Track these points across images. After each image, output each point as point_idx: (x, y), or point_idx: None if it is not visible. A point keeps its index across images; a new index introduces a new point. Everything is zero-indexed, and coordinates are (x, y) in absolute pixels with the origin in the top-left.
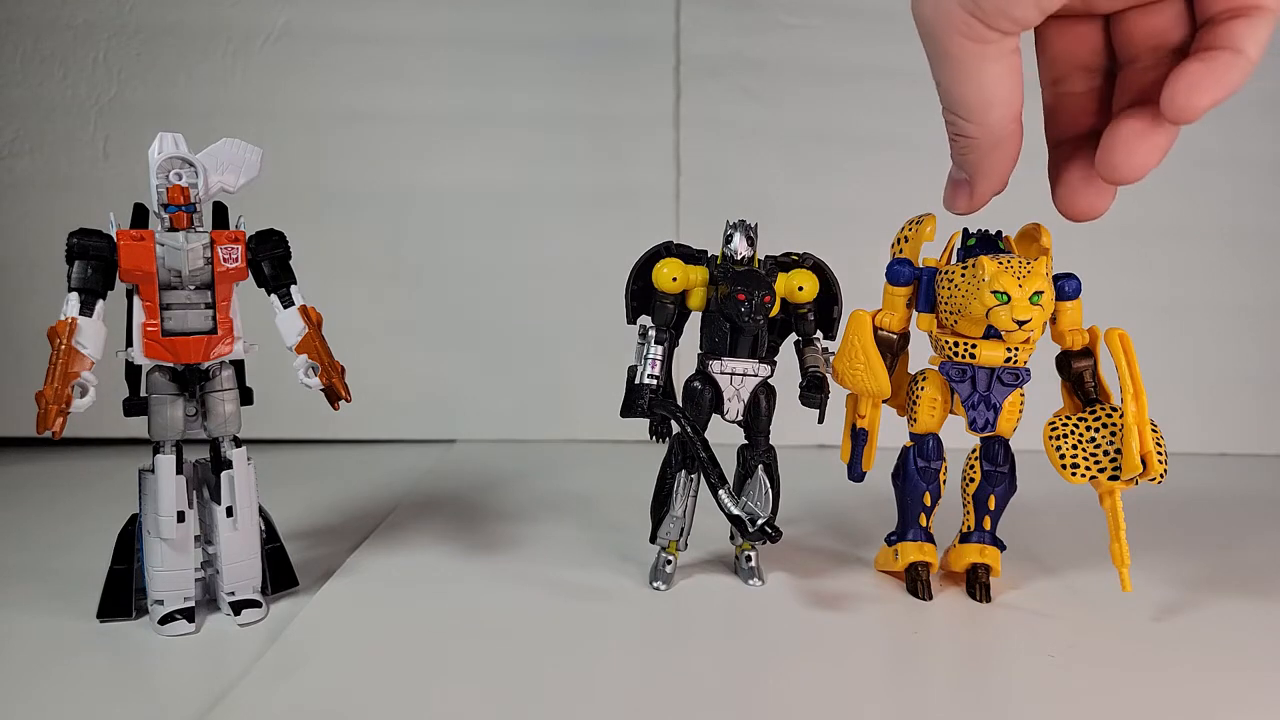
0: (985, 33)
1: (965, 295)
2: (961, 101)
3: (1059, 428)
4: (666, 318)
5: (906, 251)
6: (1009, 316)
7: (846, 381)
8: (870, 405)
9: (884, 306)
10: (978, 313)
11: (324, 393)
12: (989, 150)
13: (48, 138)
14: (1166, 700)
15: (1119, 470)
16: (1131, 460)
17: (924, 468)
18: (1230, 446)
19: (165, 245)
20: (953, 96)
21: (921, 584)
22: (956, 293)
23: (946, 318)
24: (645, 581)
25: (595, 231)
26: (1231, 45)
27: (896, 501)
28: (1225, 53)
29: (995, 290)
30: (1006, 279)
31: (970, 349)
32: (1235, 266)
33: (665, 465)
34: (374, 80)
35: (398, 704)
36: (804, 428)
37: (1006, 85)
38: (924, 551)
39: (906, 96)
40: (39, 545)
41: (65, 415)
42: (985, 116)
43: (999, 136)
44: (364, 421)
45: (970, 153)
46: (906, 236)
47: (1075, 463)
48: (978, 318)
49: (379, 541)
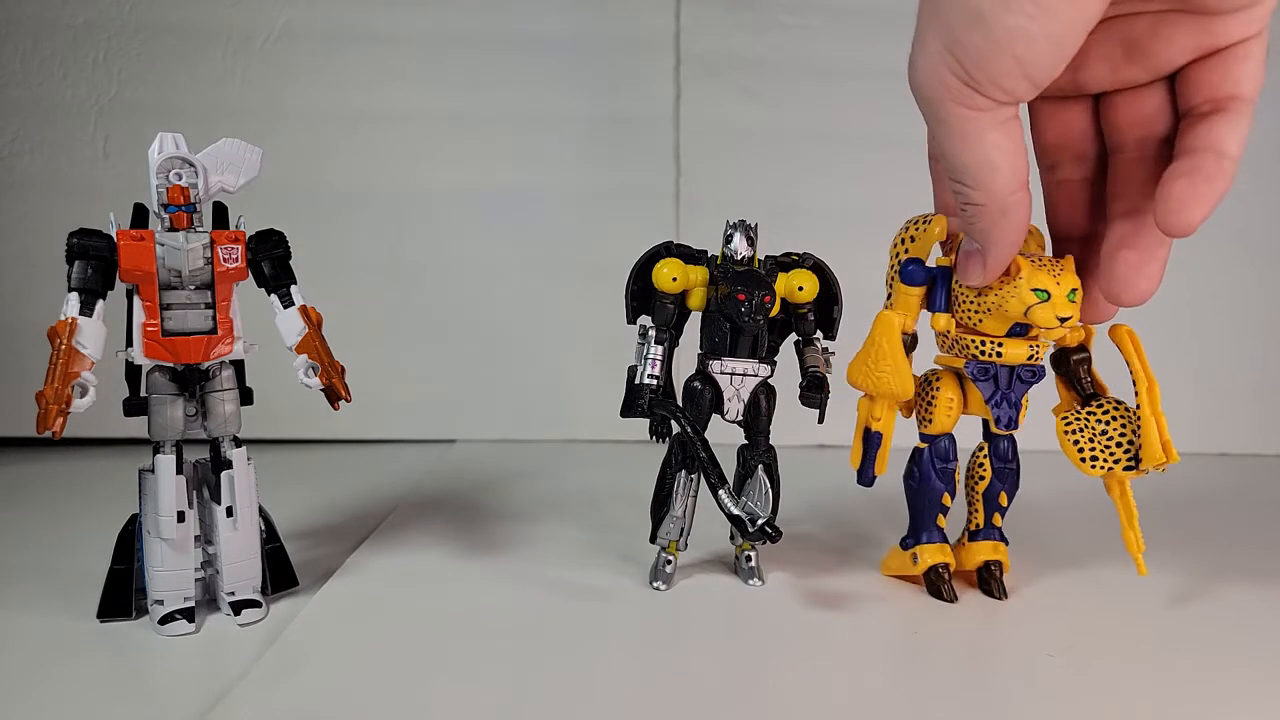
0: (980, 100)
1: (1001, 294)
2: (965, 169)
3: (1073, 422)
4: (666, 318)
5: (914, 251)
6: (1051, 314)
7: (869, 384)
8: (887, 408)
9: (897, 307)
10: (1016, 311)
11: (324, 393)
12: (997, 218)
13: (48, 138)
14: (1167, 700)
15: (1134, 460)
16: (1154, 449)
17: (943, 469)
18: (1230, 446)
19: (165, 245)
20: (956, 164)
21: (946, 586)
22: (989, 291)
23: (969, 317)
24: (645, 581)
25: (595, 231)
26: (1214, 146)
27: (910, 504)
28: (1209, 159)
29: (1035, 288)
30: (1044, 277)
31: (997, 347)
32: (1236, 267)
33: (665, 465)
34: (374, 80)
35: (398, 704)
36: (804, 428)
37: (1008, 152)
38: (944, 553)
39: (907, 96)
40: (39, 545)
41: (65, 415)
42: (990, 183)
43: (1006, 204)
44: (364, 421)
45: (978, 220)
46: (913, 236)
47: (1094, 455)
48: (1014, 316)
49: (379, 541)
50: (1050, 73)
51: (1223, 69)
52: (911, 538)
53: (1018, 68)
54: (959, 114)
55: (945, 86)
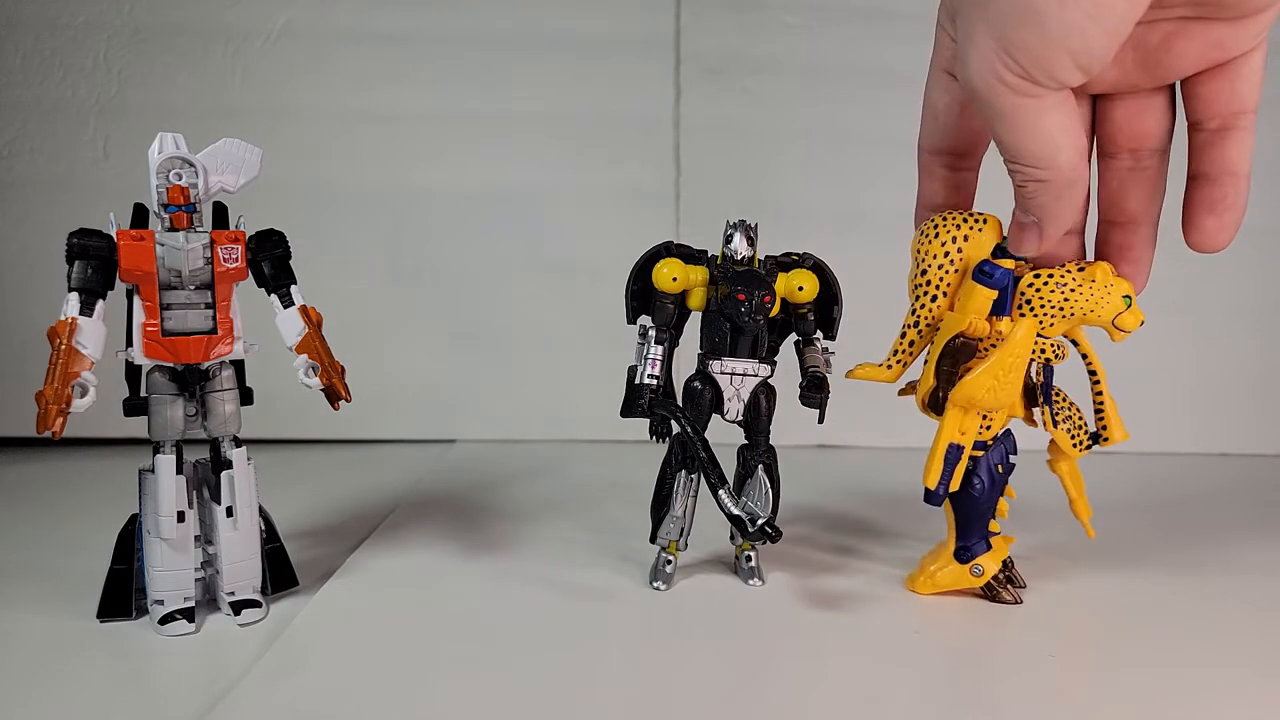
0: (1035, 89)
1: (1089, 299)
2: (1028, 153)
3: (1060, 412)
4: (667, 318)
5: (969, 252)
6: (1136, 319)
7: (993, 399)
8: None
9: (970, 311)
10: (1106, 316)
11: (324, 393)
12: (1063, 191)
13: (48, 138)
14: (1167, 700)
15: (1092, 441)
16: (1119, 429)
17: (1003, 474)
18: (1230, 446)
19: (165, 245)
20: (1017, 150)
21: (1008, 589)
22: (1075, 295)
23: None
24: (645, 581)
25: (595, 231)
26: (1230, 169)
27: (965, 513)
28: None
29: (1125, 295)
30: (1125, 284)
31: (1058, 350)
32: (1235, 266)
33: (665, 465)
34: (374, 80)
35: (398, 704)
36: (804, 428)
37: (1069, 130)
38: (998, 556)
39: (906, 96)
40: (39, 545)
41: (65, 415)
42: (1055, 161)
43: (1071, 178)
44: (364, 421)
45: (1041, 195)
46: (966, 236)
47: (1078, 440)
48: (1100, 321)
49: (379, 541)
50: (1104, 62)
51: (1229, 84)
52: (966, 550)
53: (1072, 60)
54: (1017, 104)
55: (1001, 81)
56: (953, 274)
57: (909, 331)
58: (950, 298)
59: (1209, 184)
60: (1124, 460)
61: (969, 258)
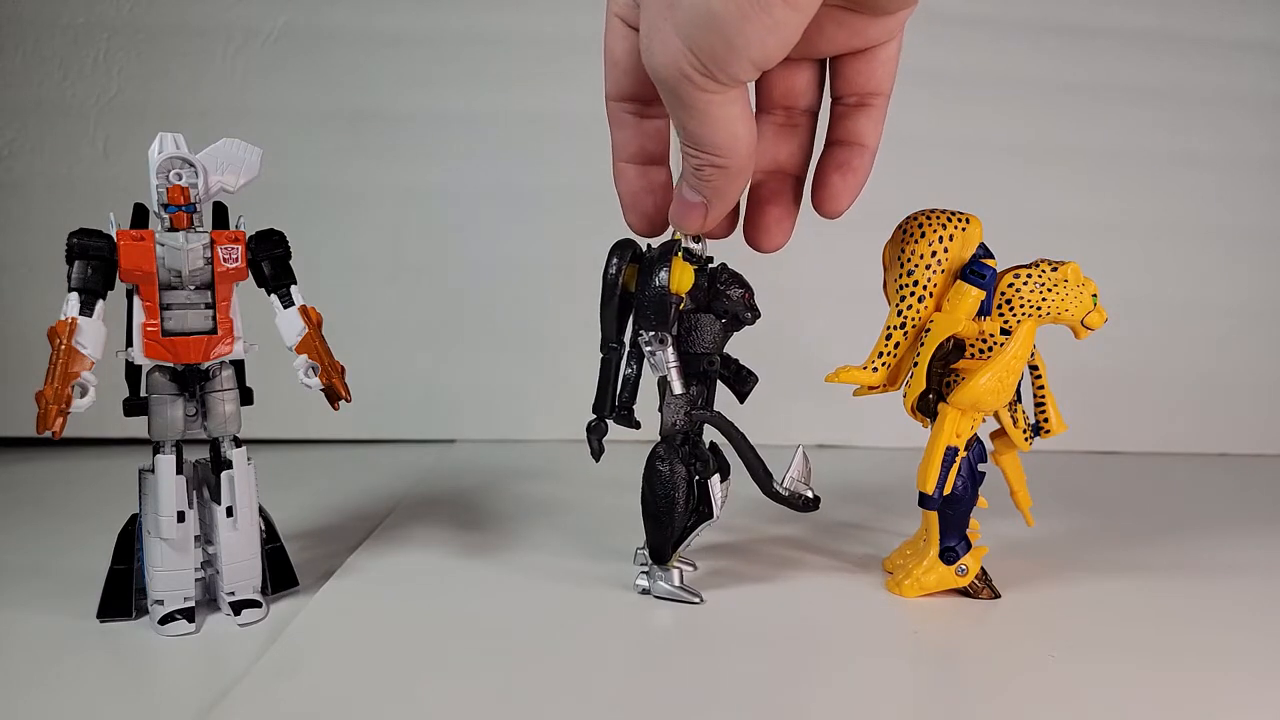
0: (718, 86)
1: (1064, 298)
2: (710, 142)
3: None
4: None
5: (954, 252)
6: (1101, 318)
7: (994, 400)
8: (969, 421)
9: (959, 312)
10: (1078, 315)
11: (324, 393)
12: (735, 177)
13: (48, 138)
14: (1168, 699)
15: (1034, 433)
16: (1060, 421)
17: (983, 473)
18: (1230, 446)
19: (165, 245)
20: (700, 138)
21: (991, 583)
22: (1051, 295)
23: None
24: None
25: (595, 231)
26: (859, 140)
27: (950, 516)
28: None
29: (1094, 293)
30: (1093, 284)
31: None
32: (1235, 266)
33: (657, 478)
34: (374, 80)
35: (398, 704)
36: (804, 427)
37: (747, 119)
38: (979, 554)
39: (904, 96)
40: (39, 545)
41: (65, 415)
42: (734, 150)
43: (745, 165)
44: (364, 421)
45: (717, 179)
46: (952, 235)
47: (1026, 435)
48: (1070, 320)
49: (379, 541)
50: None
51: (868, 67)
52: (951, 550)
53: (752, 65)
54: (702, 98)
55: (687, 77)
56: (940, 274)
57: (894, 333)
58: (937, 299)
59: (841, 149)
60: (1124, 460)
61: (955, 258)
